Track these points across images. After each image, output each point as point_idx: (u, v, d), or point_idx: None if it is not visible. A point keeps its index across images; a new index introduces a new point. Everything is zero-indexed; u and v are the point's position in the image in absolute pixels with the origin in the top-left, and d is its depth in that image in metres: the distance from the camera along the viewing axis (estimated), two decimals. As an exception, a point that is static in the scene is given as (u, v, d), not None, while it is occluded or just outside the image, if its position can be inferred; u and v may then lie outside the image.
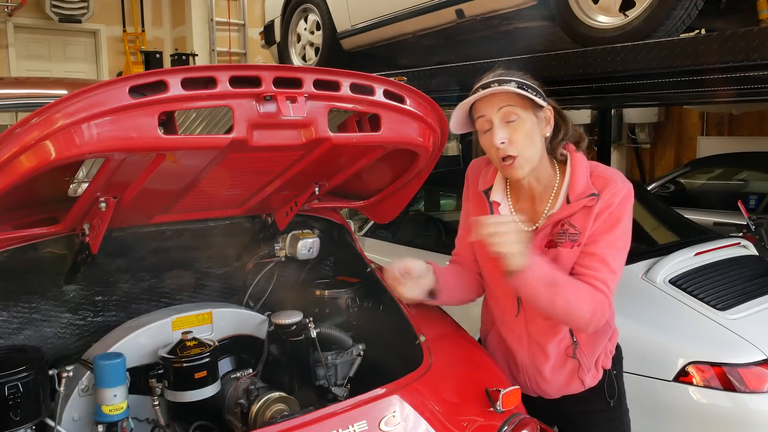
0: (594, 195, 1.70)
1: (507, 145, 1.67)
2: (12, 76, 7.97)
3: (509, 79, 1.67)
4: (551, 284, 1.66)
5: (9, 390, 1.42)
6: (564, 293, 1.66)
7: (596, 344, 1.87)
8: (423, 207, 4.84)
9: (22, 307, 1.73)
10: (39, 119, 1.25)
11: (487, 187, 1.88)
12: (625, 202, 1.72)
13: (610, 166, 1.87)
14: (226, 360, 1.87)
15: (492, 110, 1.67)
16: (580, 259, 1.72)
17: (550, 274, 1.67)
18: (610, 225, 1.70)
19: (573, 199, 1.72)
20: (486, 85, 1.67)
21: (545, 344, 1.84)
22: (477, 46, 3.95)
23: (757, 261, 3.29)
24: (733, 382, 2.47)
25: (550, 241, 1.75)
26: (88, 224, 1.61)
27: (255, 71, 1.41)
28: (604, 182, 1.73)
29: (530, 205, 1.81)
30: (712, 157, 6.50)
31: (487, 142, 1.71)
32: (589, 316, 1.69)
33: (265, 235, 2.08)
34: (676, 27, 2.60)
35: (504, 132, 1.67)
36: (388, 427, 1.53)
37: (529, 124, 1.68)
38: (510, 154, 1.67)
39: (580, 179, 1.73)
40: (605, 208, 1.70)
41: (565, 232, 1.73)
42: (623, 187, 1.72)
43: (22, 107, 2.71)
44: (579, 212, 1.72)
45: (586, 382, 1.88)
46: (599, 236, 1.71)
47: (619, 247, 1.72)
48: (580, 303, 1.68)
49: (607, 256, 1.70)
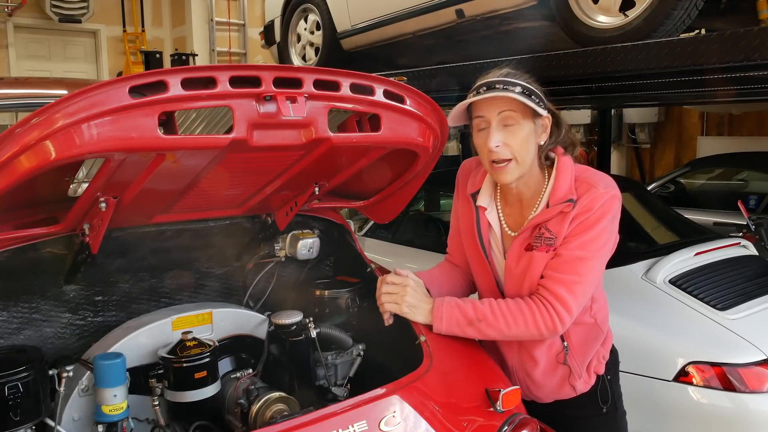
0: (570, 201, 1.68)
1: (501, 148, 1.65)
2: (12, 76, 7.97)
3: (515, 82, 1.64)
4: (470, 323, 1.74)
5: (9, 390, 1.42)
6: (493, 325, 1.72)
7: (587, 350, 1.86)
8: (423, 207, 4.84)
9: (22, 307, 1.73)
10: (39, 119, 1.24)
11: (475, 191, 1.86)
12: (606, 208, 1.68)
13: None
14: (226, 360, 1.87)
15: (492, 112, 1.66)
16: (549, 262, 1.71)
17: (466, 315, 1.74)
18: (584, 228, 1.68)
19: (552, 203, 1.71)
20: (491, 85, 1.64)
21: (533, 350, 1.83)
22: (477, 46, 3.95)
23: (757, 261, 3.29)
24: (733, 382, 2.47)
25: (528, 245, 1.75)
26: (88, 224, 1.61)
27: (255, 71, 1.41)
28: (586, 187, 1.70)
29: (518, 209, 1.81)
30: (712, 157, 6.50)
31: (480, 141, 1.70)
32: (537, 331, 1.70)
33: (265, 235, 2.08)
34: (676, 27, 2.60)
35: (500, 135, 1.65)
36: (388, 427, 1.53)
37: (527, 130, 1.66)
38: (503, 158, 1.66)
39: (563, 183, 1.71)
40: (582, 213, 1.68)
41: (541, 236, 1.72)
42: (605, 193, 1.68)
43: (22, 107, 2.71)
44: (556, 217, 1.70)
45: (577, 388, 1.87)
46: (572, 238, 1.69)
47: (591, 251, 1.68)
48: (518, 326, 1.70)
49: (576, 260, 1.68)
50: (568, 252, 1.69)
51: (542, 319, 1.68)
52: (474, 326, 1.74)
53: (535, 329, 1.70)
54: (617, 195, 1.71)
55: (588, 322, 1.83)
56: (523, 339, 1.78)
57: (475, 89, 1.68)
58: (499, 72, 1.69)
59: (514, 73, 1.68)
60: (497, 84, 1.64)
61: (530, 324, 1.69)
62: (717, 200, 5.51)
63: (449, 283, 1.99)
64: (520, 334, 1.72)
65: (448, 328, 1.77)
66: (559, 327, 1.69)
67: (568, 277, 1.68)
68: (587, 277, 1.70)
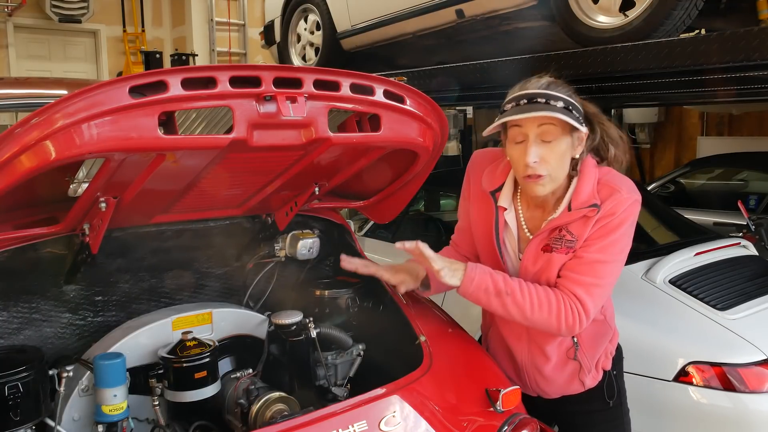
0: (595, 206, 1.67)
1: (539, 164, 1.62)
2: (12, 76, 7.97)
3: (557, 96, 1.60)
4: (498, 294, 1.68)
5: (9, 390, 1.42)
6: (519, 303, 1.68)
7: (597, 346, 1.87)
8: (423, 207, 4.84)
9: (22, 307, 1.73)
10: (39, 119, 1.24)
11: (494, 188, 1.83)
12: (628, 212, 1.68)
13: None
14: (226, 360, 1.87)
15: (531, 125, 1.62)
16: (568, 263, 1.70)
17: (497, 284, 1.69)
18: (606, 232, 1.67)
19: (574, 207, 1.70)
20: (532, 98, 1.60)
21: (545, 345, 1.83)
22: (477, 46, 3.95)
23: (757, 261, 3.29)
24: (733, 382, 2.47)
25: (546, 246, 1.73)
26: (88, 224, 1.61)
27: (255, 71, 1.41)
28: (609, 191, 1.69)
29: (540, 213, 1.79)
30: (712, 157, 6.50)
31: (516, 154, 1.66)
32: (557, 323, 1.68)
33: (265, 235, 2.08)
34: (676, 27, 2.60)
35: (539, 150, 1.61)
36: (388, 427, 1.53)
37: (564, 145, 1.63)
38: (539, 174, 1.63)
39: (586, 187, 1.70)
40: (605, 216, 1.67)
41: (562, 238, 1.71)
42: (628, 197, 1.68)
43: (22, 107, 2.71)
44: (578, 220, 1.69)
45: (586, 383, 1.88)
46: (593, 241, 1.68)
47: (611, 255, 1.68)
48: (542, 312, 1.67)
49: (595, 263, 1.67)
50: (588, 255, 1.68)
51: (565, 315, 1.67)
52: (501, 297, 1.69)
53: (556, 322, 1.67)
54: (639, 199, 1.70)
55: (599, 319, 1.84)
56: (538, 327, 1.73)
57: (514, 99, 1.63)
58: (539, 82, 1.65)
59: (555, 84, 1.64)
60: (539, 98, 1.59)
61: (554, 315, 1.67)
62: (717, 200, 5.50)
63: None
64: (540, 321, 1.69)
65: (476, 292, 1.70)
66: (577, 327, 1.68)
67: (588, 279, 1.67)
68: (606, 280, 1.69)
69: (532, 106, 1.59)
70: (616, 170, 1.78)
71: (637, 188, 1.73)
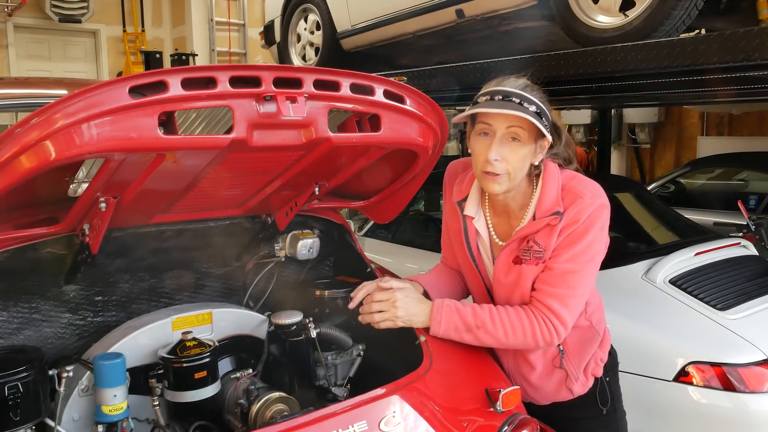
0: (557, 214, 1.66)
1: (499, 162, 1.62)
2: (12, 76, 7.97)
3: (532, 100, 1.59)
4: (468, 329, 1.72)
5: (9, 390, 1.42)
6: (491, 333, 1.71)
7: (584, 353, 1.85)
8: (423, 207, 4.85)
9: (22, 307, 1.72)
10: (39, 119, 1.24)
11: (461, 198, 1.84)
12: (593, 218, 1.66)
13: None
14: (226, 360, 1.87)
15: (501, 123, 1.62)
16: (540, 275, 1.70)
17: (465, 320, 1.72)
18: (573, 240, 1.66)
19: (539, 215, 1.70)
20: (507, 95, 1.59)
21: (529, 354, 1.82)
22: (477, 46, 3.95)
23: (757, 261, 3.29)
24: (732, 382, 2.47)
25: (516, 257, 1.73)
26: (88, 224, 1.61)
27: (255, 71, 1.41)
28: (572, 198, 1.68)
29: (506, 219, 1.79)
30: (712, 157, 6.50)
31: (479, 147, 1.66)
32: (533, 341, 1.70)
33: (265, 235, 2.08)
34: (676, 27, 2.60)
35: (501, 150, 1.62)
36: (388, 427, 1.53)
37: (528, 149, 1.64)
38: (498, 172, 1.63)
39: (549, 194, 1.69)
40: (569, 224, 1.66)
41: (530, 249, 1.70)
42: (592, 203, 1.66)
43: (22, 107, 2.71)
44: (543, 230, 1.69)
45: (574, 391, 1.87)
46: (561, 251, 1.68)
47: (581, 263, 1.67)
48: (516, 336, 1.69)
49: (566, 274, 1.67)
50: (558, 265, 1.67)
51: (540, 332, 1.68)
52: (472, 332, 1.73)
53: (533, 341, 1.70)
54: (605, 203, 1.68)
55: (583, 325, 1.83)
56: (518, 348, 1.78)
57: (489, 93, 1.63)
58: (516, 82, 1.64)
59: (531, 88, 1.64)
60: (515, 97, 1.59)
61: (528, 335, 1.69)
62: (717, 200, 5.51)
63: (448, 284, 1.99)
64: (516, 343, 1.73)
65: (446, 333, 1.76)
66: (555, 339, 1.70)
67: (561, 291, 1.67)
68: (579, 289, 1.69)
69: (506, 103, 1.59)
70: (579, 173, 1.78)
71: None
